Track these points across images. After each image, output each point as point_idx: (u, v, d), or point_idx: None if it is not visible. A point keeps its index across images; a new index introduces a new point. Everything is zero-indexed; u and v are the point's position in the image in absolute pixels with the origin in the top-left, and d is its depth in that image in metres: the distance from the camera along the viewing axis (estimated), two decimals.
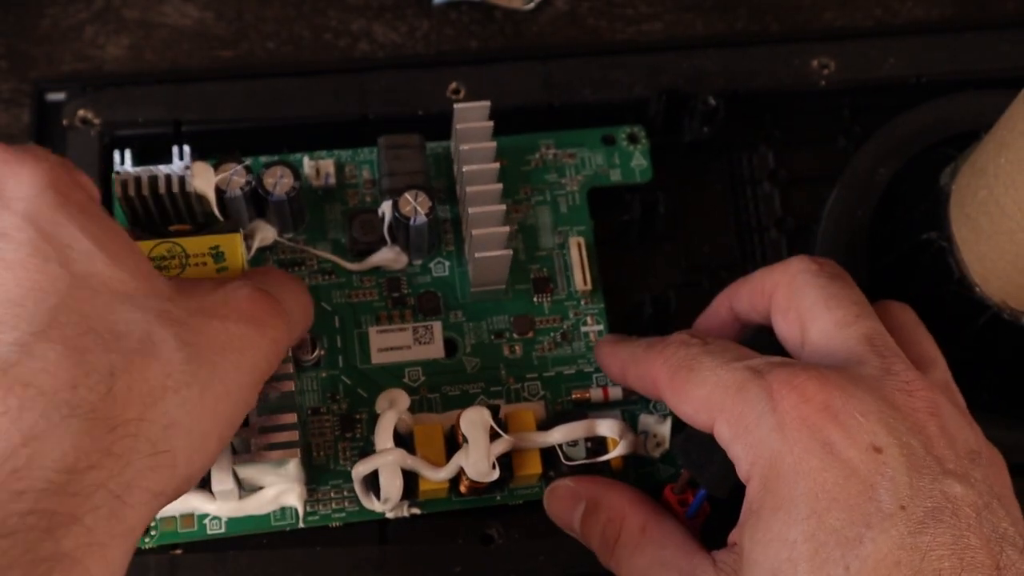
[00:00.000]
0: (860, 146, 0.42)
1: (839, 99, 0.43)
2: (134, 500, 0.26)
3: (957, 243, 0.37)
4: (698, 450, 0.33)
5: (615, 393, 0.38)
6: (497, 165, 0.38)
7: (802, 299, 0.32)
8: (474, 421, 0.35)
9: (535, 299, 0.40)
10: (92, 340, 0.26)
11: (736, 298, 0.36)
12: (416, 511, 0.36)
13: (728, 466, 0.30)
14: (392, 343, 0.39)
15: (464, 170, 0.38)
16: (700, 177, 0.43)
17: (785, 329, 0.33)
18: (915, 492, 0.27)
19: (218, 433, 0.29)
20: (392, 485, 0.35)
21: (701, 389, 0.31)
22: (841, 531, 0.27)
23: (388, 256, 0.39)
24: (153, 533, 0.36)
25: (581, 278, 0.40)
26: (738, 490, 0.31)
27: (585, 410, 0.37)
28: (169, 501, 0.28)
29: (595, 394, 0.38)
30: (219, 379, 0.28)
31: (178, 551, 0.36)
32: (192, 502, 0.35)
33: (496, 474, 0.35)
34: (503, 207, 0.37)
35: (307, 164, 0.40)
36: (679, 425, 0.38)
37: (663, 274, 0.42)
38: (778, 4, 0.47)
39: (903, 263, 0.39)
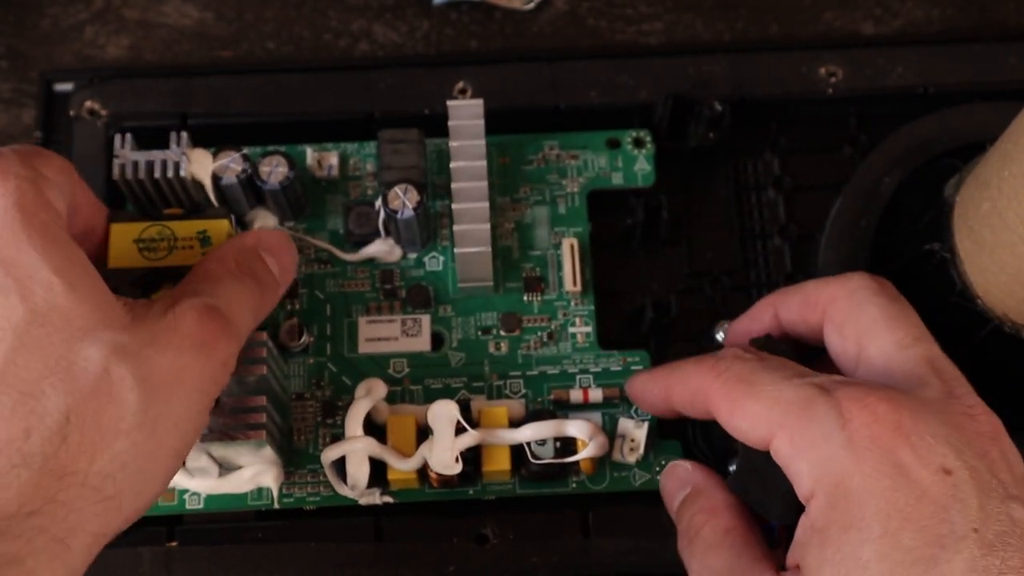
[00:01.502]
0: (866, 155, 0.39)
1: (846, 107, 0.40)
2: (77, 543, 0.25)
3: (960, 255, 0.34)
4: (756, 488, 0.30)
5: (595, 395, 0.36)
6: (484, 163, 0.36)
7: (861, 315, 0.30)
8: (440, 414, 0.33)
9: (525, 298, 0.38)
10: (49, 384, 0.25)
11: (784, 307, 0.33)
12: (388, 499, 0.35)
13: (791, 493, 0.28)
14: (380, 334, 0.37)
15: (451, 166, 0.36)
16: (705, 182, 0.41)
17: (839, 345, 0.31)
18: (986, 515, 0.26)
19: (166, 467, 0.28)
20: (359, 472, 0.33)
21: (759, 404, 0.28)
22: (915, 551, 0.25)
23: (382, 248, 0.38)
24: None
25: (571, 279, 0.37)
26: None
27: (555, 410, 0.35)
28: (113, 537, 0.27)
29: (575, 395, 0.36)
30: (170, 414, 0.27)
31: (173, 543, 0.34)
32: (174, 478, 0.34)
33: (459, 467, 0.33)
34: (487, 204, 0.35)
35: (310, 155, 0.39)
36: (665, 433, 0.36)
37: (665, 279, 0.40)
38: (778, 4, 0.44)
39: (906, 273, 0.36)
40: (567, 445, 0.34)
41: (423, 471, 0.34)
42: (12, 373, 0.25)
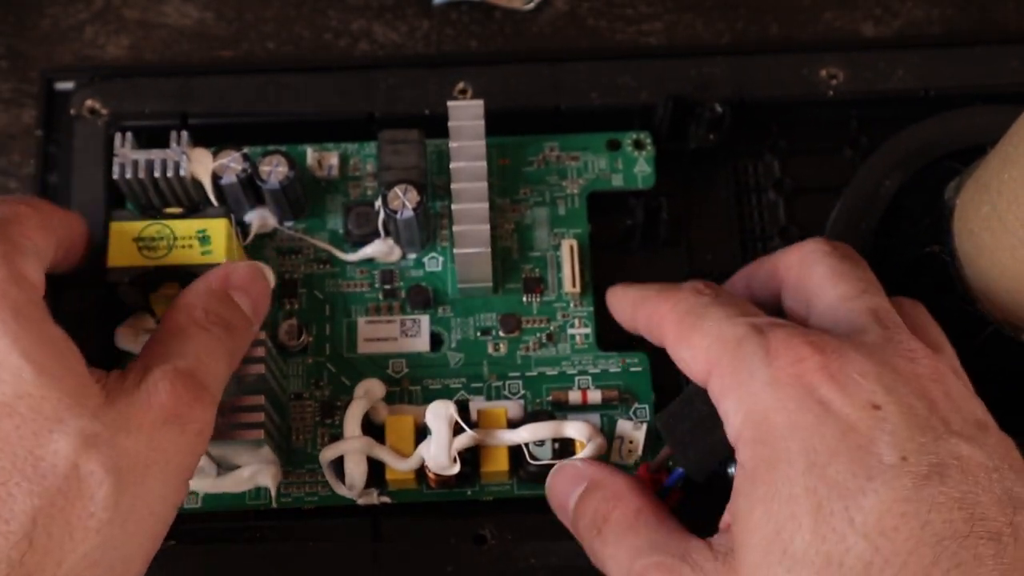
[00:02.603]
0: (866, 157, 0.39)
1: (847, 110, 0.40)
2: None
3: (960, 258, 0.34)
4: (683, 428, 0.30)
5: (594, 397, 0.36)
6: (484, 164, 0.36)
7: (811, 276, 0.31)
8: (438, 414, 0.33)
9: (524, 299, 0.38)
10: (16, 484, 0.25)
11: (753, 277, 0.34)
12: (386, 500, 0.35)
13: (711, 450, 0.28)
14: (379, 334, 0.37)
15: (451, 167, 0.36)
16: (705, 184, 0.41)
17: (792, 307, 0.32)
18: (918, 447, 0.25)
19: (143, 552, 0.28)
20: (356, 472, 0.33)
21: (704, 339, 0.29)
22: (843, 484, 0.25)
23: (382, 248, 0.37)
24: None
25: (570, 280, 0.37)
26: (716, 478, 0.29)
27: (553, 411, 0.35)
28: None
29: (573, 396, 0.36)
30: (145, 499, 0.27)
31: (171, 542, 0.34)
32: None
33: (456, 468, 0.33)
34: (486, 205, 0.35)
35: (310, 155, 0.39)
36: (662, 386, 0.36)
37: (664, 280, 0.39)
38: (778, 4, 0.44)
39: (906, 276, 0.36)
40: (565, 446, 0.34)
41: (421, 471, 0.34)
42: None
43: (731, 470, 0.29)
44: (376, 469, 0.34)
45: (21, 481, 0.25)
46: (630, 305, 0.33)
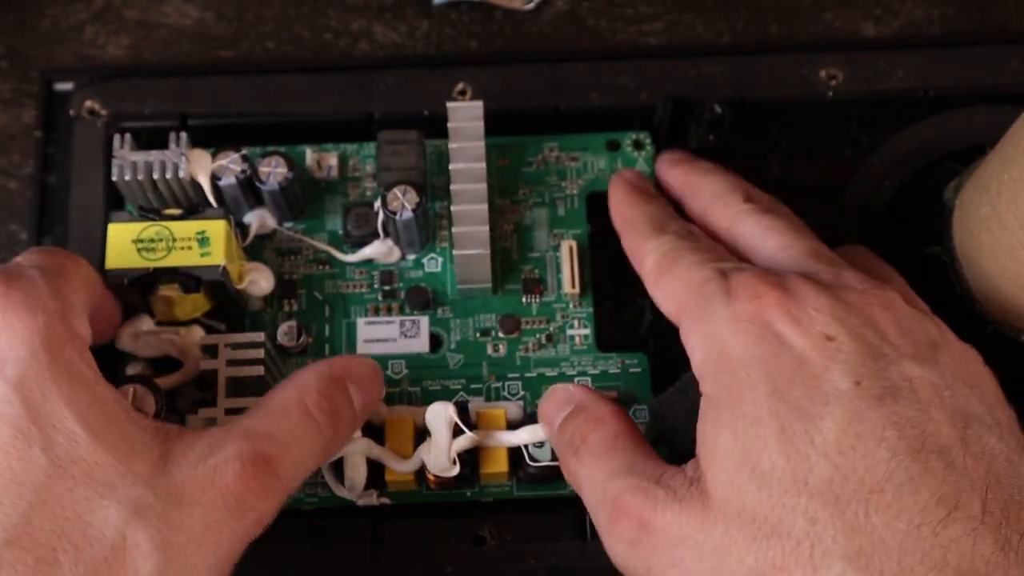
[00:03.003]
0: (866, 158, 0.39)
1: (846, 110, 0.40)
2: None
3: (959, 258, 0.35)
4: (677, 415, 0.31)
5: None
6: (483, 165, 0.36)
7: (741, 236, 0.33)
8: (438, 415, 0.33)
9: (524, 299, 0.38)
10: (62, 549, 0.25)
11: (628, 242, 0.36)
12: (386, 501, 0.35)
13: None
14: (379, 335, 0.37)
15: (450, 168, 0.36)
16: None
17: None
18: (871, 371, 0.27)
19: None
20: (356, 473, 0.33)
21: (675, 282, 0.31)
22: (803, 408, 0.26)
23: (381, 249, 0.37)
24: None
25: (570, 281, 0.37)
26: None
27: None
28: None
29: None
30: None
31: None
32: None
33: (456, 469, 0.33)
34: (486, 206, 0.35)
35: (309, 156, 0.39)
36: (662, 387, 0.36)
37: None
38: (778, 4, 0.44)
39: (906, 276, 0.36)
40: None
41: (421, 473, 0.34)
42: (28, 535, 0.25)
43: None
44: (376, 470, 0.34)
45: (68, 547, 0.25)
46: (620, 219, 0.35)
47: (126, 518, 0.26)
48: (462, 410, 0.33)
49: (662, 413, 0.32)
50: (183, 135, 0.36)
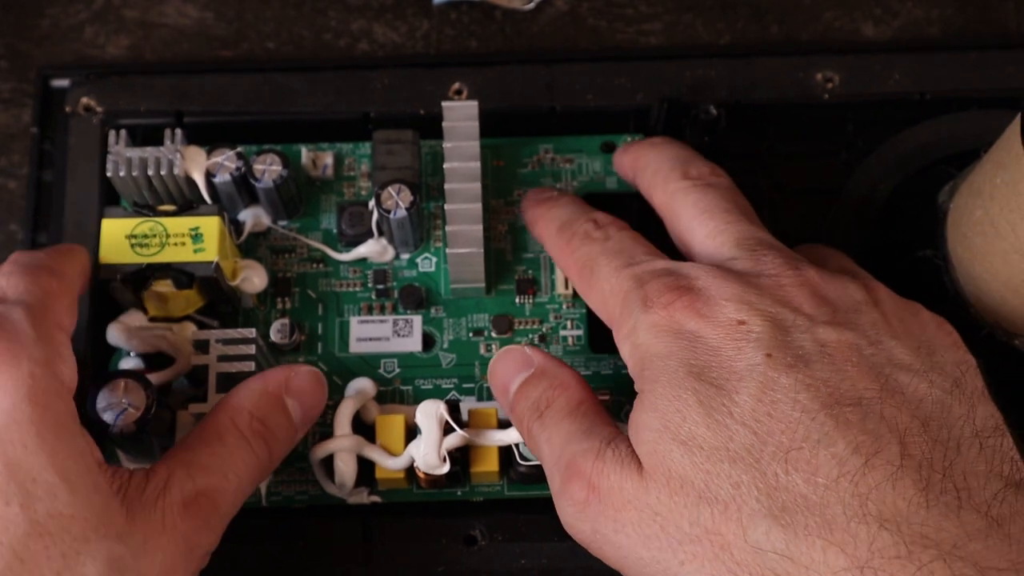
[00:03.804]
0: (862, 161, 0.39)
1: (842, 113, 0.40)
2: None
3: (953, 262, 0.35)
4: None
5: None
6: (478, 164, 0.36)
7: (679, 219, 0.33)
8: (428, 413, 0.33)
9: (517, 300, 0.38)
10: None
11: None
12: (376, 499, 0.35)
13: None
14: (371, 334, 0.37)
15: (445, 167, 0.36)
16: None
17: (677, 243, 0.34)
18: (781, 343, 0.28)
19: None
20: (347, 470, 0.33)
21: (599, 295, 0.32)
22: (720, 385, 0.27)
23: (375, 248, 0.38)
24: None
25: (563, 282, 0.37)
26: None
27: None
28: None
29: None
30: None
31: None
32: None
33: (446, 467, 0.33)
34: (479, 205, 0.35)
35: (305, 155, 0.39)
36: None
37: None
38: (778, 4, 0.44)
39: (900, 279, 0.36)
40: None
41: (411, 471, 0.34)
42: None
43: None
44: (366, 468, 0.34)
45: None
46: (538, 233, 0.36)
47: (102, 572, 0.26)
48: (453, 408, 0.33)
49: None
50: (178, 132, 0.36)
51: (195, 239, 0.34)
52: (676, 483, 0.27)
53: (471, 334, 0.37)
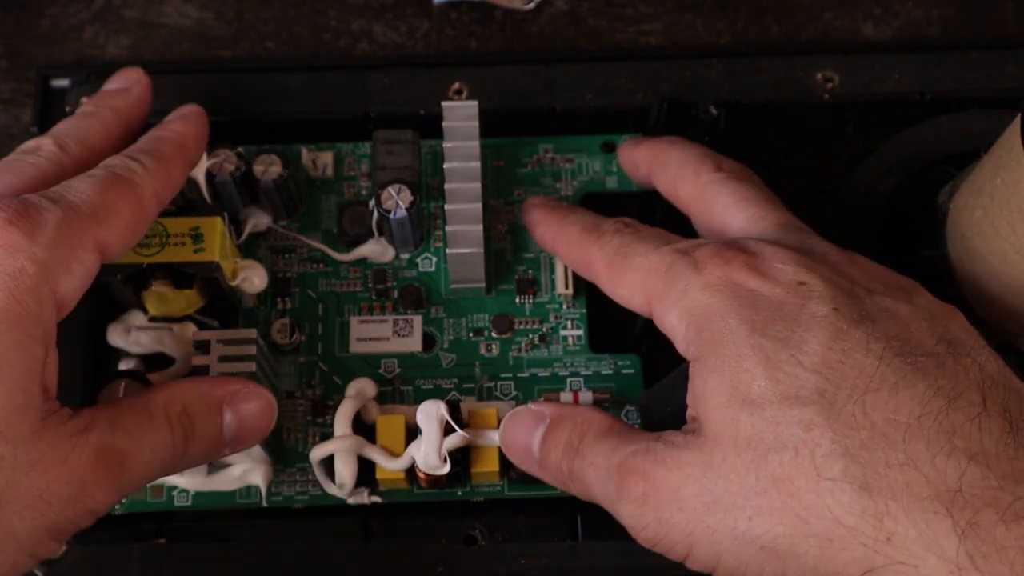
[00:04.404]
0: (862, 161, 0.39)
1: (842, 113, 0.40)
2: None
3: (952, 262, 0.35)
4: (662, 413, 0.32)
5: (585, 398, 0.36)
6: (478, 164, 0.36)
7: (714, 207, 0.33)
8: (429, 413, 0.33)
9: (517, 300, 0.38)
10: None
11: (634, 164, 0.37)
12: (376, 499, 0.35)
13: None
14: (371, 333, 0.37)
15: (445, 167, 0.36)
16: None
17: (703, 233, 0.34)
18: (846, 302, 0.28)
19: None
20: (346, 471, 0.33)
21: (635, 274, 0.31)
22: (785, 338, 0.27)
23: (375, 248, 0.38)
24: (124, 500, 0.35)
25: (563, 282, 0.38)
26: None
27: None
28: None
29: (565, 398, 0.36)
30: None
31: (161, 540, 0.35)
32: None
33: (447, 468, 0.33)
34: (479, 205, 0.36)
35: (305, 155, 0.39)
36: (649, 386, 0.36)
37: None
38: (778, 4, 0.44)
39: None
40: None
41: (412, 471, 0.34)
42: None
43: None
44: (367, 469, 0.34)
45: None
46: (551, 237, 0.35)
47: None
48: (453, 409, 0.34)
49: (650, 409, 0.32)
50: None
51: (195, 239, 0.34)
52: (743, 442, 0.26)
53: (471, 334, 0.37)
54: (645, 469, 0.28)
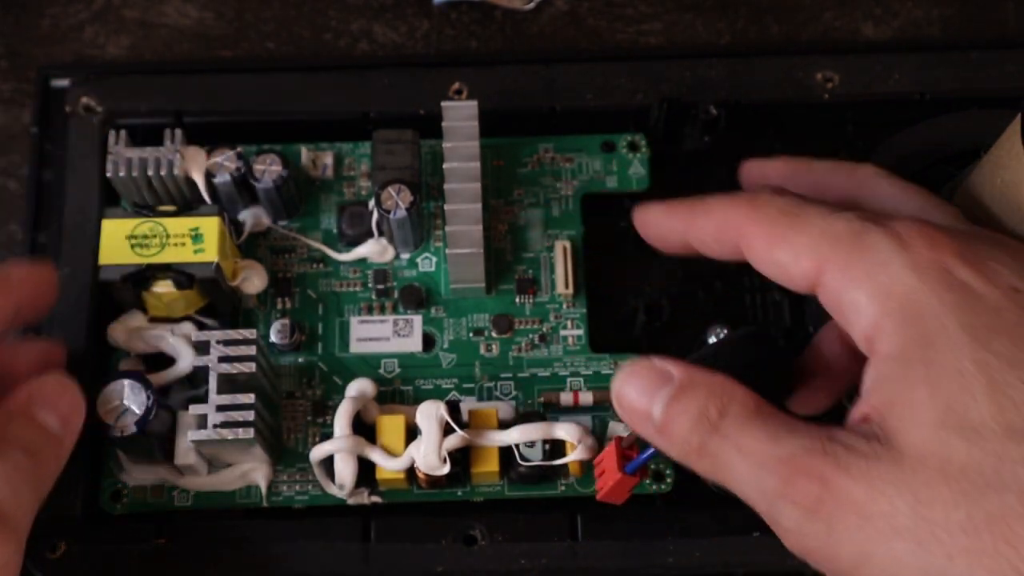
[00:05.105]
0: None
1: (842, 113, 0.40)
2: None
3: None
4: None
5: (585, 398, 0.36)
6: (478, 164, 0.36)
7: (879, 189, 0.31)
8: (428, 414, 0.33)
9: (517, 300, 0.38)
10: None
11: (792, 183, 0.31)
12: (377, 499, 0.35)
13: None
14: (372, 334, 0.37)
15: (444, 167, 0.36)
16: (700, 187, 0.40)
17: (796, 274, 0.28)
18: None
19: None
20: (346, 471, 0.33)
21: (806, 236, 0.27)
22: (1009, 356, 0.24)
23: (375, 248, 0.38)
24: (125, 500, 0.35)
25: (563, 282, 0.38)
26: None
27: (544, 413, 0.35)
28: None
29: (565, 398, 0.36)
30: None
31: (161, 540, 0.35)
32: (161, 473, 0.35)
33: (447, 468, 0.33)
34: (479, 206, 0.36)
35: (304, 155, 0.39)
36: None
37: (658, 282, 0.40)
38: (778, 4, 0.44)
39: None
40: (556, 448, 0.34)
41: (412, 471, 0.34)
42: None
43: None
44: (366, 469, 0.34)
45: None
46: (681, 219, 0.31)
47: None
48: (453, 409, 0.34)
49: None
50: (178, 132, 0.36)
51: (195, 239, 0.34)
52: (955, 471, 0.24)
53: (471, 334, 0.37)
54: (824, 472, 0.25)
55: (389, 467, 0.33)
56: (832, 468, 0.25)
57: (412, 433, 0.34)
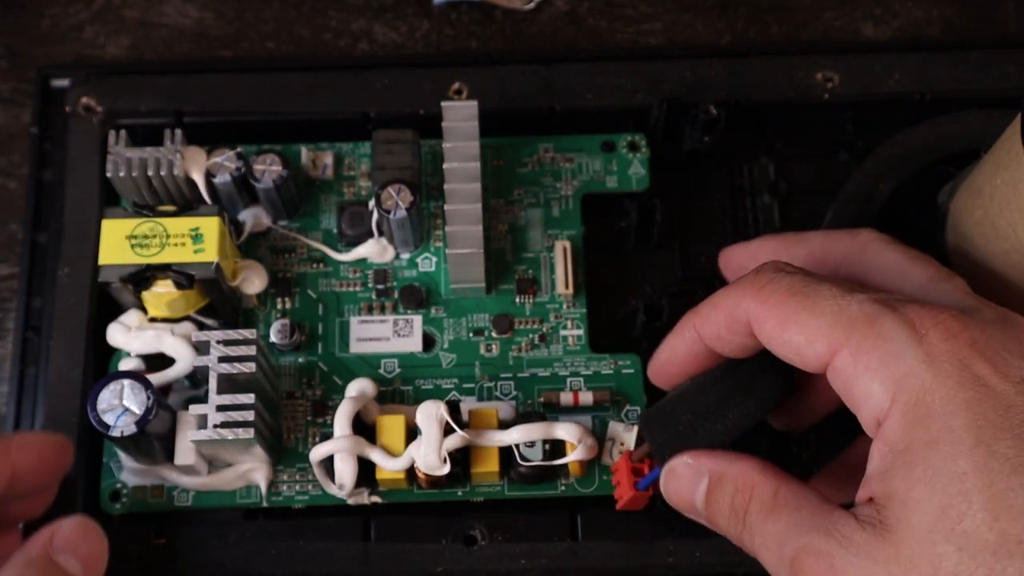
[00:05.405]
0: (862, 161, 0.39)
1: (842, 113, 0.40)
2: None
3: (953, 262, 0.35)
4: (704, 400, 0.31)
5: (585, 398, 0.36)
6: (478, 164, 0.36)
7: (880, 262, 0.30)
8: (429, 414, 0.33)
9: (517, 300, 0.38)
10: None
11: (786, 255, 0.31)
12: (377, 499, 0.35)
13: (735, 423, 0.30)
14: (372, 334, 0.37)
15: (444, 167, 0.36)
16: (699, 186, 0.41)
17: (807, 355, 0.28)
18: None
19: None
20: (346, 471, 0.33)
21: (818, 318, 0.27)
22: (1013, 459, 0.24)
23: (375, 248, 0.38)
24: (124, 500, 0.35)
25: (563, 282, 0.38)
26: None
27: (544, 412, 0.35)
28: None
29: (565, 398, 0.36)
30: None
31: (162, 540, 0.35)
32: (162, 473, 0.35)
33: (447, 468, 0.33)
34: (479, 206, 0.36)
35: (304, 155, 0.39)
36: (655, 389, 0.35)
37: (658, 282, 0.40)
38: (778, 4, 0.44)
39: None
40: (556, 448, 0.34)
41: (412, 471, 0.34)
42: None
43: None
44: (367, 469, 0.34)
45: None
46: (689, 332, 0.31)
47: None
48: (453, 409, 0.34)
49: (648, 424, 0.31)
50: (178, 132, 0.36)
51: (195, 239, 0.34)
52: None
53: (471, 334, 0.37)
54: (820, 572, 0.26)
55: (389, 467, 0.33)
56: (827, 569, 0.26)
57: (412, 433, 0.34)
